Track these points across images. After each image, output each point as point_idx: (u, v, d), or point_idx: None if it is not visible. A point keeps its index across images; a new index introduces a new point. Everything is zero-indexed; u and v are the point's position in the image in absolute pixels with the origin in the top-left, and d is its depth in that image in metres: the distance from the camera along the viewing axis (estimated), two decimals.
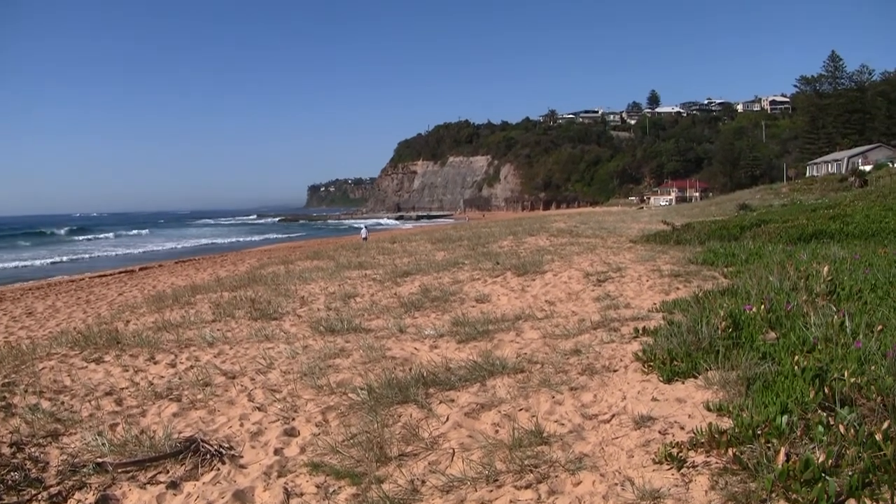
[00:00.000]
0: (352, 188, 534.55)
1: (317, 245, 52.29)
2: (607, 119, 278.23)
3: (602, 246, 20.88)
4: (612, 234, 26.79)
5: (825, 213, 25.95)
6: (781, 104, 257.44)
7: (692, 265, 14.80)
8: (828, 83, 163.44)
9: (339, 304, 13.25)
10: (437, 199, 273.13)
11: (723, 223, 26.60)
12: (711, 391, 6.17)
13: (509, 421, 6.07)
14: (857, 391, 5.11)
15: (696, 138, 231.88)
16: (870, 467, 4.01)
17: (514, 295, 12.87)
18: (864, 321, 7.09)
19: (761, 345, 6.95)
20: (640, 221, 40.54)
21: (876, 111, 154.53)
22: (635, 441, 5.40)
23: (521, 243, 23.24)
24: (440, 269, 16.84)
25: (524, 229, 31.28)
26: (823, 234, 19.39)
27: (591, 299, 11.83)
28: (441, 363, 8.14)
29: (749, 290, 9.98)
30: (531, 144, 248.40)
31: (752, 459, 4.47)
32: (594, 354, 8.09)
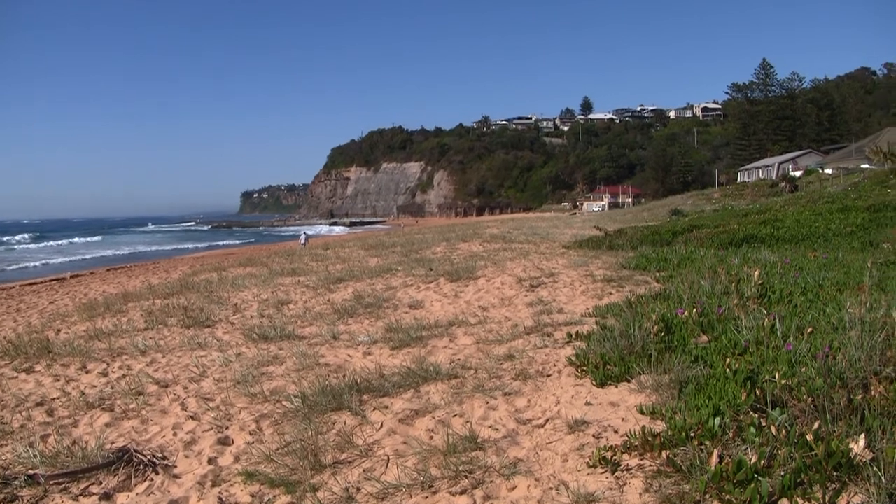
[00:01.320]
0: (285, 194, 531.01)
1: (250, 252, 51.81)
2: (541, 125, 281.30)
3: (535, 251, 21.00)
4: (545, 240, 26.94)
5: (756, 218, 26.44)
6: (713, 111, 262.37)
7: (625, 270, 14.95)
8: (759, 90, 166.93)
9: (273, 311, 13.16)
10: (370, 205, 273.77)
11: (655, 228, 26.95)
12: (644, 395, 6.24)
13: (444, 427, 6.07)
14: (788, 393, 5.21)
15: (629, 144, 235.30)
16: (801, 467, 4.08)
17: (447, 301, 12.89)
18: (795, 324, 7.22)
19: (693, 348, 7.05)
20: (573, 227, 40.90)
21: (806, 118, 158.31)
22: (569, 445, 5.44)
23: (455, 249, 23.28)
24: (373, 276, 16.81)
25: (457, 235, 31.35)
26: (754, 238, 19.76)
27: (524, 305, 11.89)
28: (375, 370, 8.13)
29: (681, 294, 10.11)
30: (465, 150, 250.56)
31: (685, 461, 4.54)
32: (528, 359, 8.13)
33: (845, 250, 16.34)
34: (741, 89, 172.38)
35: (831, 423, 4.66)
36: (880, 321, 6.03)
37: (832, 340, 6.12)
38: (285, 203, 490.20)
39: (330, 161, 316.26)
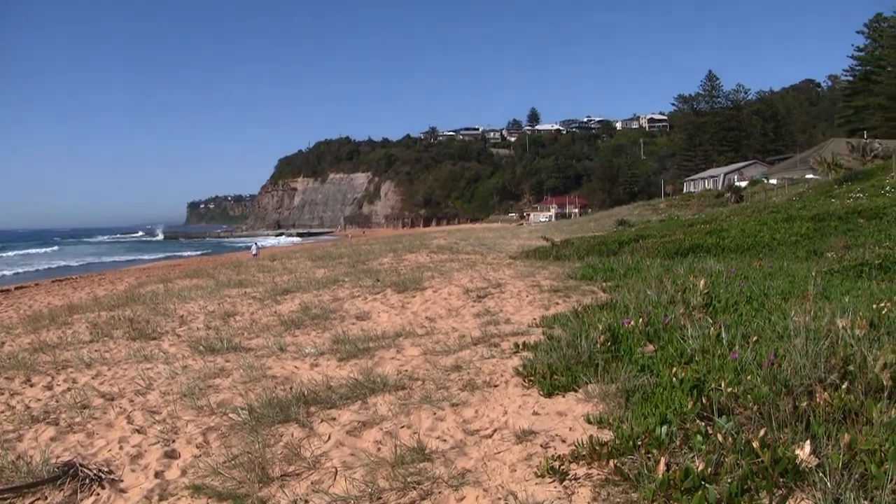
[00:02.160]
0: (232, 205, 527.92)
1: (196, 263, 51.38)
2: (488, 136, 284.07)
3: (482, 262, 21.03)
4: (491, 251, 27.03)
5: (702, 228, 26.79)
6: (659, 122, 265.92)
7: (571, 280, 15.02)
8: (705, 102, 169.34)
9: (219, 322, 13.06)
10: (317, 216, 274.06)
11: (601, 239, 27.19)
12: (592, 404, 6.26)
13: (391, 438, 6.05)
14: (734, 400, 5.27)
15: (576, 155, 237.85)
16: (748, 474, 4.13)
17: (394, 312, 12.87)
18: (740, 332, 7.31)
19: (640, 357, 7.10)
20: (520, 238, 41.07)
21: (751, 129, 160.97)
22: (517, 455, 5.44)
23: (402, 260, 23.25)
24: (320, 287, 16.74)
25: (404, 246, 31.31)
26: (700, 248, 20.01)
27: (471, 315, 11.91)
28: (322, 381, 8.09)
29: (627, 303, 10.20)
30: (412, 161, 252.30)
31: (633, 470, 4.56)
32: (475, 370, 8.14)
33: (790, 259, 16.62)
34: (687, 101, 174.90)
35: (777, 430, 4.72)
36: (825, 329, 6.13)
37: (777, 348, 6.20)
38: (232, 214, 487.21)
39: (277, 171, 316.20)
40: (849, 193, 35.83)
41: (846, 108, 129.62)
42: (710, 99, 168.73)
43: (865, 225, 22.42)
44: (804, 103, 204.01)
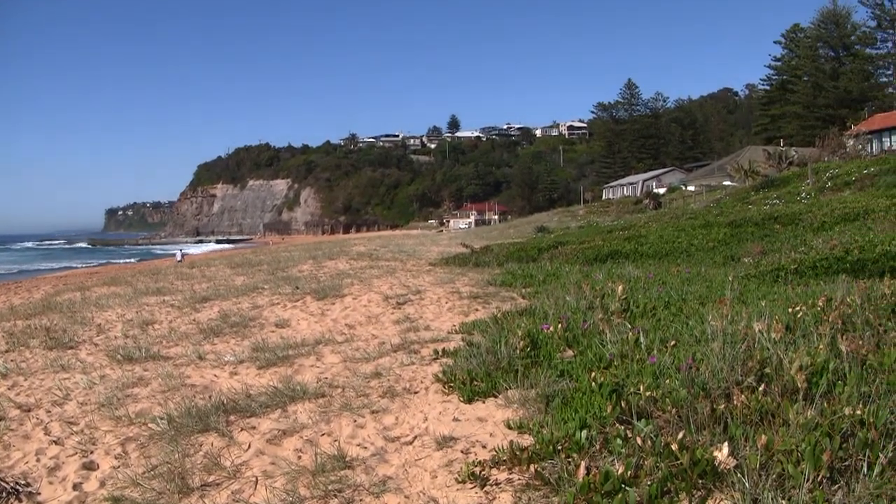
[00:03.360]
0: (150, 212, 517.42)
1: (114, 271, 50.40)
2: (408, 143, 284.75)
3: (402, 269, 21.04)
4: (411, 257, 27.05)
5: (620, 234, 27.13)
6: (579, 129, 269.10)
7: (491, 287, 15.11)
8: (624, 109, 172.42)
9: (137, 331, 12.82)
10: (236, 222, 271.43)
11: (521, 245, 27.35)
12: (512, 409, 6.31)
13: (312, 446, 6.03)
14: (652, 404, 5.34)
15: (496, 162, 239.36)
16: (667, 476, 4.19)
17: (313, 319, 12.81)
18: (658, 337, 7.42)
19: (559, 363, 7.16)
20: (440, 244, 41.17)
21: (669, 136, 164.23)
22: (438, 461, 5.47)
23: (321, 267, 23.13)
24: (239, 294, 16.56)
25: (324, 253, 31.16)
26: (619, 254, 20.27)
27: (390, 322, 11.91)
28: (241, 390, 8.01)
29: (546, 309, 10.27)
30: (331, 168, 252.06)
31: (553, 474, 4.60)
32: (395, 377, 8.14)
33: (707, 265, 16.92)
34: (607, 108, 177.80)
35: (695, 433, 4.79)
36: (741, 333, 6.24)
37: (695, 352, 6.30)
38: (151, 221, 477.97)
39: (196, 178, 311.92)
40: (765, 200, 36.60)
41: (763, 116, 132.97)
42: (629, 107, 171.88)
43: (781, 230, 22.91)
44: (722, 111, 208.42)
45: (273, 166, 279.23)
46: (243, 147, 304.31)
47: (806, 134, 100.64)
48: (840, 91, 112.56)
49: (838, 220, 22.46)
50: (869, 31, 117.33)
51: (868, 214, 22.34)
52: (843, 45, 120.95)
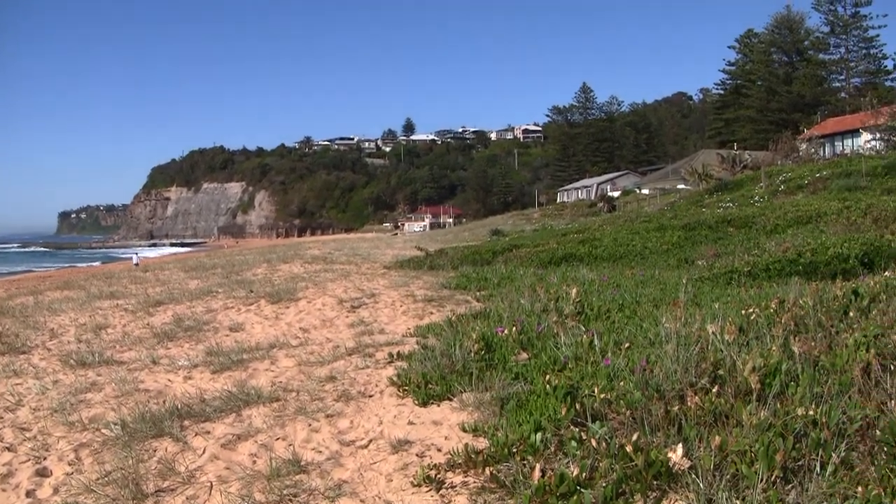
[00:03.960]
0: (104, 215, 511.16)
1: (68, 274, 49.73)
2: (363, 146, 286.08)
3: (356, 272, 20.97)
4: (366, 261, 26.97)
5: (575, 237, 27.20)
6: (534, 133, 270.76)
7: (445, 290, 15.11)
8: (579, 113, 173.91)
9: (91, 335, 12.66)
10: (191, 226, 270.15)
11: (475, 248, 27.40)
12: (467, 412, 6.33)
13: (266, 451, 6.02)
14: (607, 406, 5.38)
15: (451, 165, 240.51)
16: (622, 478, 4.22)
17: (268, 323, 12.74)
18: (613, 339, 7.48)
19: (514, 365, 7.19)
20: (395, 247, 41.12)
21: (624, 140, 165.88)
22: (393, 465, 5.48)
23: (276, 270, 22.99)
24: (193, 298, 16.41)
25: (278, 256, 30.95)
26: (573, 257, 20.35)
27: (345, 326, 11.88)
28: (196, 394, 7.95)
29: (501, 312, 10.29)
30: (286, 171, 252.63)
31: (508, 477, 4.62)
32: (350, 380, 8.12)
33: (661, 267, 17.04)
34: (561, 112, 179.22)
35: (650, 434, 4.82)
36: (695, 335, 6.29)
37: (649, 354, 6.35)
38: (104, 224, 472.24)
39: (150, 181, 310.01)
40: (719, 203, 36.91)
41: (717, 120, 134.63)
42: (584, 110, 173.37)
43: (735, 233, 23.15)
44: (676, 115, 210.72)
45: (227, 169, 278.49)
46: (198, 150, 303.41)
47: (759, 138, 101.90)
48: (793, 95, 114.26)
49: (791, 223, 22.73)
50: (822, 37, 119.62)
51: (820, 217, 22.63)
52: (796, 51, 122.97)
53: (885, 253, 14.18)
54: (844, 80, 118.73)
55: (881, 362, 5.17)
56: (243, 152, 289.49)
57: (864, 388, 4.97)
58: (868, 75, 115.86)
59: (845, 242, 14.87)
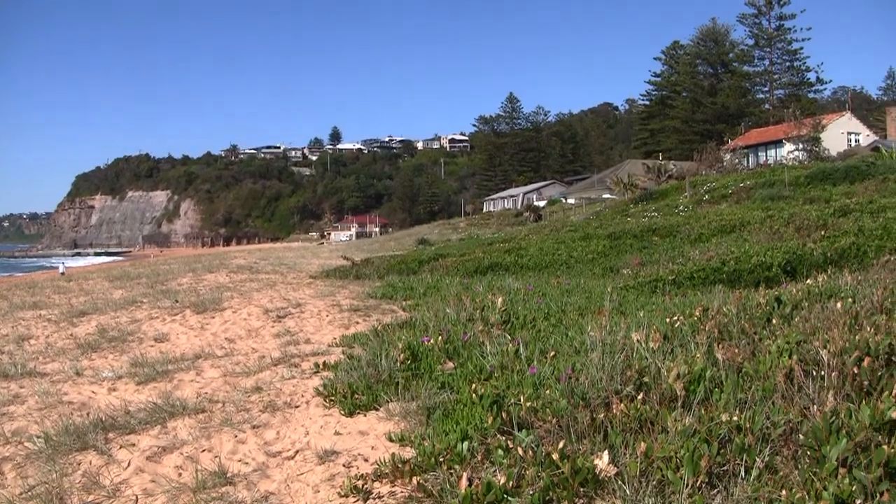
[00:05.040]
0: (27, 223, 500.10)
1: None
2: (289, 155, 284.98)
3: (282, 282, 20.85)
4: (292, 270, 26.83)
5: (501, 246, 27.37)
6: (460, 142, 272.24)
7: (371, 299, 15.10)
8: (505, 123, 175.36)
9: (13, 346, 12.36)
10: (115, 234, 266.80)
11: (402, 258, 27.38)
12: (393, 422, 6.33)
13: (192, 463, 5.94)
14: (533, 414, 5.41)
15: (377, 175, 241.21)
16: (549, 485, 4.23)
17: (193, 333, 12.60)
18: (538, 348, 7.54)
19: (440, 375, 7.21)
20: (321, 257, 40.94)
21: (550, 150, 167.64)
22: (320, 476, 5.46)
23: (201, 280, 22.74)
24: (118, 308, 16.15)
25: (204, 266, 30.63)
26: (499, 266, 20.43)
27: (271, 336, 11.80)
28: (120, 406, 7.81)
29: (427, 322, 10.29)
30: (212, 179, 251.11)
31: (436, 486, 4.62)
32: (275, 391, 8.07)
33: (587, 276, 17.21)
34: (488, 122, 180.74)
35: (576, 442, 4.87)
36: (620, 343, 6.36)
37: (575, 363, 6.41)
38: (28, 232, 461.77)
39: (74, 188, 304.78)
40: (644, 212, 37.39)
41: (643, 130, 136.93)
42: (510, 120, 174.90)
43: (660, 242, 23.46)
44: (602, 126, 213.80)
45: (153, 177, 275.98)
46: (123, 157, 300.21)
47: (684, 148, 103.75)
48: (718, 107, 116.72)
49: (715, 232, 23.13)
50: (747, 49, 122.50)
51: (744, 226, 23.05)
52: (721, 63, 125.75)
53: (807, 261, 14.50)
54: (768, 91, 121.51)
55: (803, 368, 5.27)
56: (169, 160, 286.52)
57: (787, 394, 5.06)
58: (791, 87, 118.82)
59: (768, 251, 15.18)
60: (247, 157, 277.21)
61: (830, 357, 5.10)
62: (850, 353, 5.06)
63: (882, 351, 5.13)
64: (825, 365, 5.09)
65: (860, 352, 5.06)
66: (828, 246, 15.57)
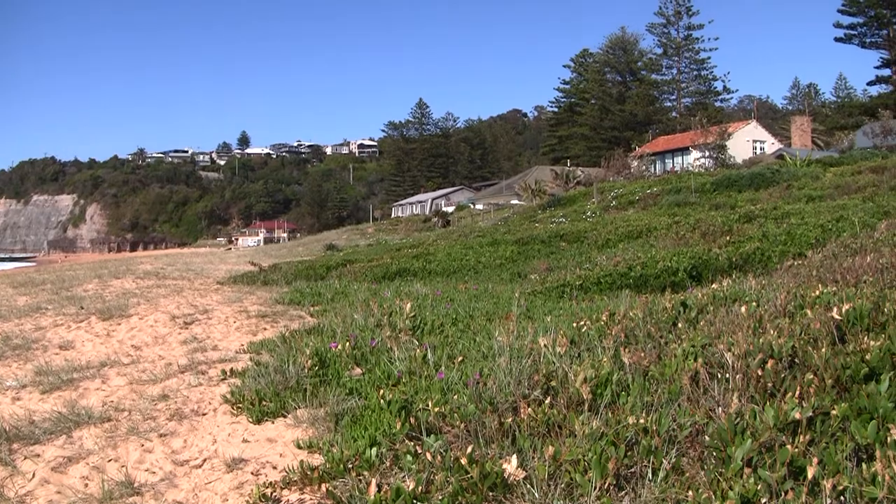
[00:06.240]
0: None
1: None
2: (197, 159, 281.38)
3: (189, 288, 20.57)
4: (199, 276, 26.48)
5: (409, 252, 27.37)
6: (369, 148, 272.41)
7: (279, 305, 14.99)
8: (414, 129, 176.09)
9: None
10: (20, 240, 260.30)
11: (310, 263, 27.23)
12: (301, 429, 6.31)
13: (99, 473, 5.83)
14: (441, 419, 5.44)
15: (285, 180, 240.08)
16: (458, 490, 4.25)
17: (99, 340, 12.36)
18: (446, 353, 7.58)
19: (348, 381, 7.21)
20: (228, 262, 40.50)
21: (459, 156, 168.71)
22: (229, 484, 5.43)
23: (107, 286, 22.29)
24: (22, 315, 15.73)
25: (110, 272, 30.03)
26: (407, 272, 20.44)
27: (178, 342, 11.64)
28: (24, 416, 7.61)
29: (335, 328, 10.26)
30: (119, 183, 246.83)
31: (345, 493, 4.60)
32: (182, 399, 7.97)
33: (495, 282, 17.33)
34: (397, 127, 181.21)
35: (485, 446, 4.90)
36: (527, 348, 6.41)
37: (482, 368, 6.46)
38: None
39: None
40: (552, 218, 37.73)
41: (551, 137, 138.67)
42: (419, 126, 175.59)
43: (567, 248, 23.72)
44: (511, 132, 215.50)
45: (58, 181, 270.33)
46: (28, 160, 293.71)
47: (592, 155, 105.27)
48: (626, 114, 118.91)
49: (622, 238, 23.48)
50: (655, 58, 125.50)
51: (650, 232, 23.45)
52: (629, 71, 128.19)
53: (712, 266, 14.79)
54: (676, 99, 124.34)
55: (708, 371, 5.37)
56: (75, 163, 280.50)
57: (692, 396, 5.16)
58: (698, 95, 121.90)
59: (674, 256, 15.45)
60: (154, 161, 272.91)
61: (735, 360, 5.21)
62: (755, 355, 5.17)
63: (785, 353, 5.26)
64: (730, 367, 5.19)
65: (764, 354, 5.18)
66: (733, 251, 15.90)
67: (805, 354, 5.17)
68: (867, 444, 3.94)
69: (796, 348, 5.33)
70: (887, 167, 33.51)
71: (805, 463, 3.83)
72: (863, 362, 4.74)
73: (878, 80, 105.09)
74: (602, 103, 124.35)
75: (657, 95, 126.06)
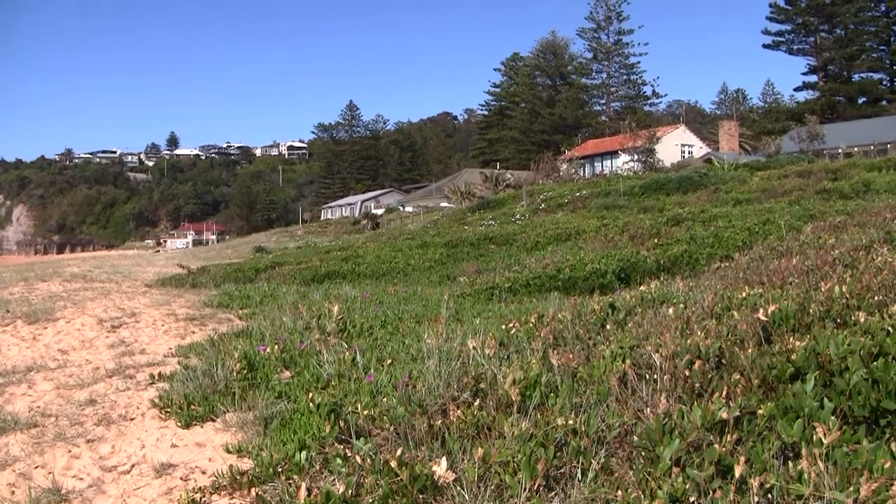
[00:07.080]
0: None
1: None
2: (125, 160, 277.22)
3: (117, 291, 20.28)
4: (127, 279, 26.14)
5: (338, 254, 27.29)
6: (299, 149, 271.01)
7: (208, 308, 14.85)
8: (344, 131, 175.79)
9: None
10: None
11: (238, 266, 27.01)
12: (230, 433, 6.28)
13: (25, 480, 5.76)
14: (371, 422, 5.43)
15: (214, 181, 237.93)
16: (388, 493, 4.25)
17: (24, 345, 12.11)
18: (375, 356, 7.58)
19: (277, 384, 7.17)
20: (157, 265, 40.02)
21: (389, 158, 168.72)
22: (158, 489, 5.39)
23: (33, 289, 21.86)
24: None
25: (36, 274, 29.46)
26: (336, 274, 20.39)
27: (105, 346, 11.47)
28: None
29: (263, 331, 10.19)
30: (46, 184, 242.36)
31: (274, 497, 4.59)
32: (110, 403, 7.85)
33: (424, 284, 17.36)
34: (327, 129, 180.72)
35: (414, 449, 4.91)
36: (456, 350, 6.44)
37: (412, 370, 6.47)
38: None
39: None
40: (481, 221, 37.84)
41: (481, 140, 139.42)
42: (349, 128, 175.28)
43: (497, 250, 23.82)
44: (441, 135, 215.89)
45: None
46: None
47: (522, 158, 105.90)
48: (556, 118, 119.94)
49: (551, 240, 23.65)
50: (585, 63, 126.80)
51: (579, 234, 23.67)
52: (560, 75, 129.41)
53: (640, 268, 14.98)
54: (605, 103, 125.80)
55: (637, 372, 5.43)
56: (1, 164, 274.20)
57: (621, 397, 5.21)
58: (628, 100, 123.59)
59: (603, 258, 15.62)
60: (82, 162, 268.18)
61: (663, 361, 5.28)
62: (682, 356, 5.24)
63: (712, 354, 5.34)
64: (658, 368, 5.26)
65: (691, 355, 5.25)
66: (661, 254, 16.13)
67: (732, 355, 5.25)
68: (793, 443, 4.00)
69: (723, 349, 5.41)
70: (813, 171, 34.13)
71: (733, 462, 3.88)
72: (788, 362, 4.82)
73: (805, 87, 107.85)
74: (532, 107, 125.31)
75: (587, 99, 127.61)
